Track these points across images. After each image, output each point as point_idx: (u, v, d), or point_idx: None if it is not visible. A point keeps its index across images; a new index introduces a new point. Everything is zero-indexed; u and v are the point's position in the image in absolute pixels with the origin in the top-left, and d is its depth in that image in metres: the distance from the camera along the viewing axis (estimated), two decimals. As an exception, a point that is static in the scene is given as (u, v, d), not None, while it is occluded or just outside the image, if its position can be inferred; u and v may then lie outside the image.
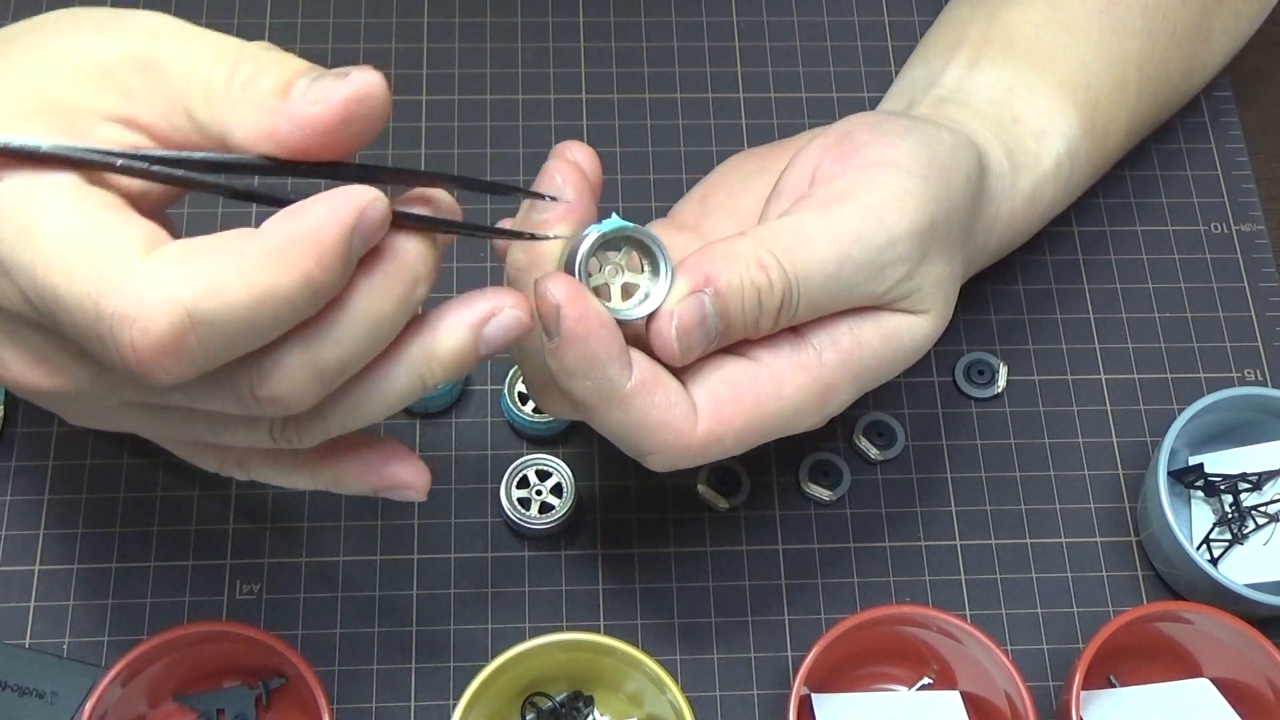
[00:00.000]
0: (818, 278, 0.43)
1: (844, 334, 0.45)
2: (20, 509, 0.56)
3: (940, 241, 0.46)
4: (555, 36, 0.68)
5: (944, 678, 0.54)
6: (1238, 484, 0.56)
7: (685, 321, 0.42)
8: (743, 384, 0.44)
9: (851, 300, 0.45)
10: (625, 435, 0.43)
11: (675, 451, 0.43)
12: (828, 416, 0.46)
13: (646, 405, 0.42)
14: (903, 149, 0.46)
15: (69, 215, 0.35)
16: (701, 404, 0.43)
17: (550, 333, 0.41)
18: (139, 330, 0.34)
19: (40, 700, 0.52)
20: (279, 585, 0.55)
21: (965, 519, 0.58)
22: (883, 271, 0.44)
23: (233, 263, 0.35)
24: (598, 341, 0.41)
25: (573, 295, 0.41)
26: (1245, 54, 0.69)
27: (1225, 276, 0.64)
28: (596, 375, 0.41)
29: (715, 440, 0.43)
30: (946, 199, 0.46)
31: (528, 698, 0.53)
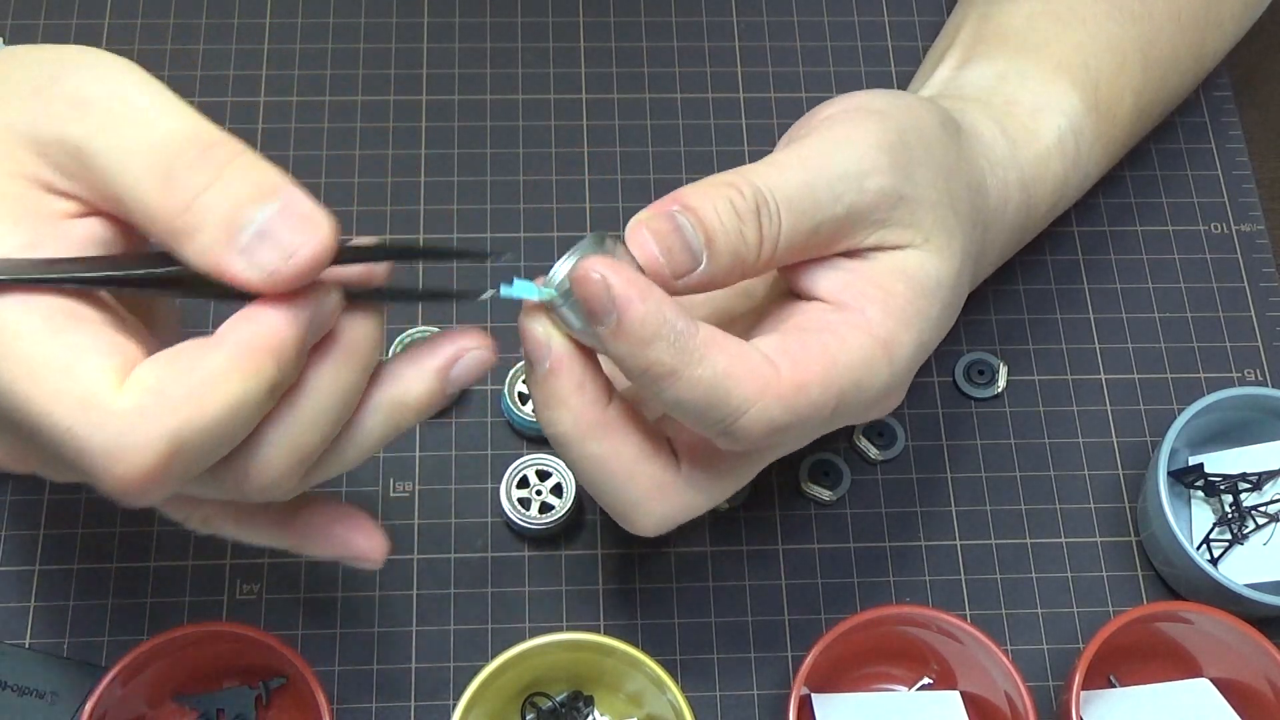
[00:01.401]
0: (792, 184, 0.42)
1: (872, 289, 0.43)
2: (20, 509, 0.56)
3: (918, 164, 0.45)
4: (555, 36, 0.68)
5: (944, 678, 0.54)
6: (1238, 484, 0.56)
7: (657, 225, 0.41)
8: (808, 339, 0.42)
9: (839, 214, 0.43)
10: (713, 396, 0.40)
11: (768, 402, 0.40)
12: (899, 380, 0.44)
13: (725, 355, 0.40)
14: (862, 95, 0.46)
15: (40, 343, 0.35)
16: (774, 354, 0.41)
17: (606, 315, 0.39)
18: (124, 467, 0.34)
19: (40, 700, 0.52)
20: (279, 585, 0.55)
21: (965, 519, 0.58)
22: (860, 182, 0.43)
23: (203, 382, 0.35)
24: (654, 297, 0.39)
25: (611, 264, 0.39)
26: (1245, 54, 0.69)
27: (1225, 276, 0.64)
28: (668, 330, 0.39)
29: (801, 388, 0.41)
30: (913, 125, 0.46)
31: (528, 698, 0.53)
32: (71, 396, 0.35)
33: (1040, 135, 0.53)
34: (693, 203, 0.41)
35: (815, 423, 0.42)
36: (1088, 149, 0.55)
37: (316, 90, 0.65)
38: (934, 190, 0.45)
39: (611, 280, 0.39)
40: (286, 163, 0.63)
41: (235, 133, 0.65)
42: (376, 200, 0.63)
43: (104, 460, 0.35)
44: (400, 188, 0.63)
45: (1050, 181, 0.54)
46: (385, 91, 0.66)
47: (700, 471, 0.44)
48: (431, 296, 0.43)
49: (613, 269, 0.39)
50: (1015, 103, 0.54)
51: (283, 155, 0.63)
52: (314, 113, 0.65)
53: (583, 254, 0.40)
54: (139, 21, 0.66)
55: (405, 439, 0.58)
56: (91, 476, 0.35)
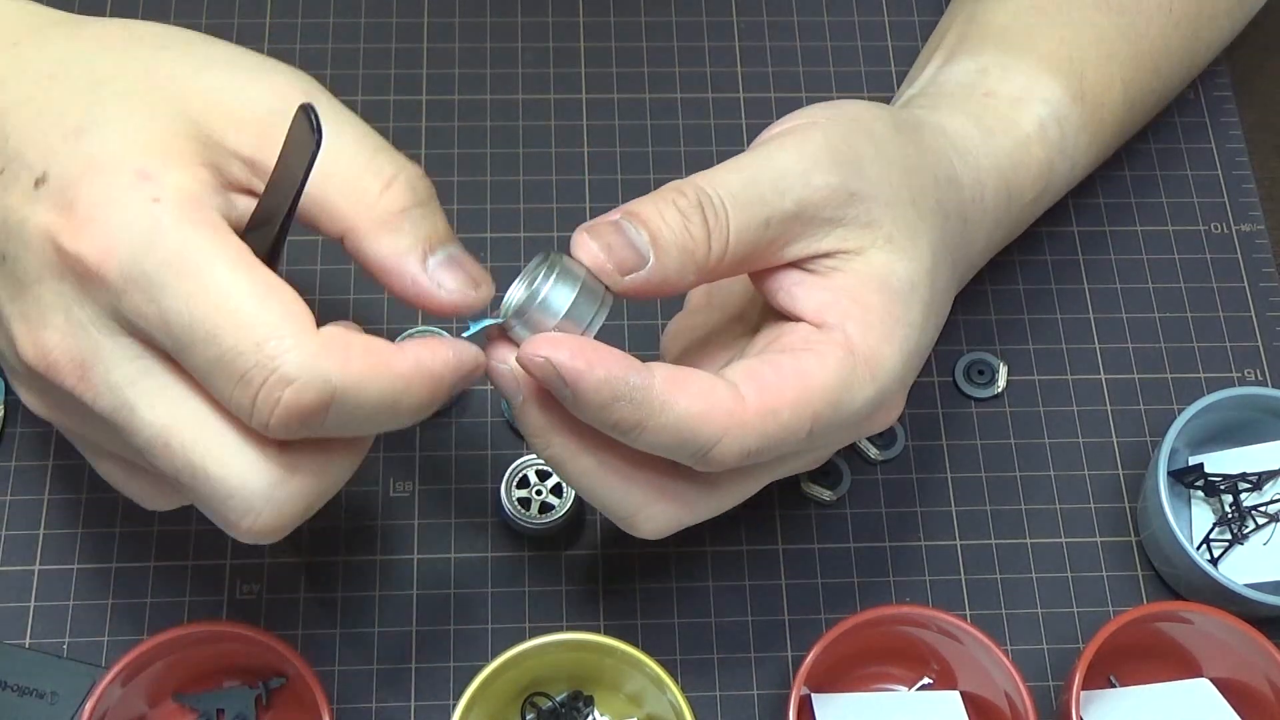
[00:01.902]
0: (735, 182, 0.43)
1: (848, 304, 0.44)
2: (20, 509, 0.56)
3: (868, 163, 0.45)
4: (555, 36, 0.68)
5: (944, 678, 0.54)
6: (1238, 484, 0.56)
7: (599, 229, 0.42)
8: (782, 362, 0.43)
9: (788, 209, 0.43)
10: (682, 438, 0.41)
11: (736, 434, 0.41)
12: (889, 392, 0.44)
13: (686, 397, 0.41)
14: (807, 110, 0.47)
15: (255, 271, 0.38)
16: (741, 382, 0.42)
17: (560, 391, 0.41)
18: (293, 390, 0.37)
19: (40, 700, 0.52)
20: (279, 585, 0.55)
21: (965, 519, 0.58)
22: (806, 178, 0.43)
23: (378, 368, 0.38)
24: (602, 362, 0.40)
25: (549, 342, 0.41)
26: (1245, 54, 0.69)
27: (1225, 276, 0.64)
28: (623, 389, 0.40)
29: (770, 414, 0.42)
30: (860, 128, 0.46)
31: (528, 698, 0.53)
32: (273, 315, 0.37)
33: (1019, 123, 0.53)
34: (634, 208, 0.43)
35: (792, 444, 0.43)
36: (1074, 136, 0.55)
37: (316, 90, 0.65)
38: (889, 188, 0.45)
39: (555, 359, 0.40)
40: (286, 163, 0.63)
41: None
42: (376, 200, 0.63)
43: (275, 378, 0.37)
44: (400, 188, 0.63)
45: (1034, 168, 0.54)
46: (385, 91, 0.66)
47: (702, 477, 0.44)
48: None
49: (553, 346, 0.40)
50: (993, 94, 0.54)
51: (283, 155, 0.63)
52: (314, 113, 0.65)
53: (533, 278, 0.42)
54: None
55: (405, 439, 0.58)
56: (240, 388, 0.37)
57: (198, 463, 0.39)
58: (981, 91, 0.54)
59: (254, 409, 0.37)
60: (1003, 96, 0.54)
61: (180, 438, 0.39)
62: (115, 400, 0.39)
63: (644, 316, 0.61)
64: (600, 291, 0.42)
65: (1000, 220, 0.54)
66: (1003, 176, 0.52)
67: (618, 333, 0.61)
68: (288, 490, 0.39)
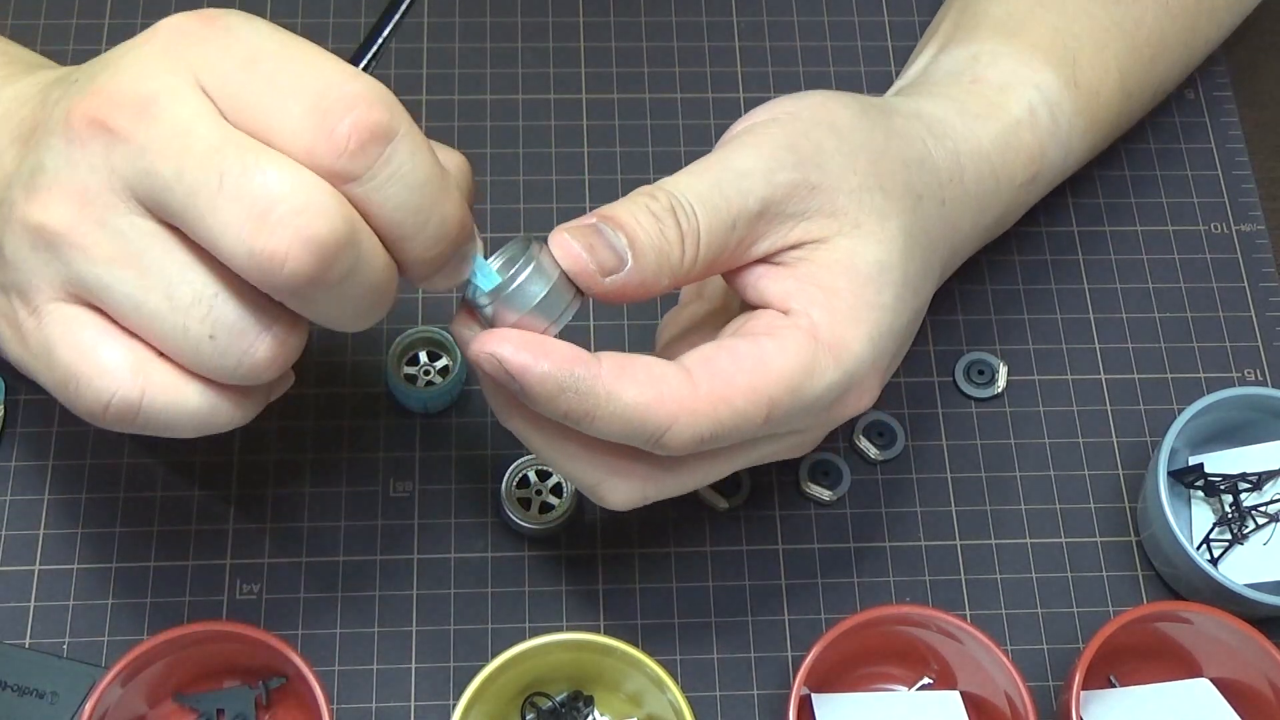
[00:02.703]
0: (701, 184, 0.44)
1: (814, 290, 0.44)
2: (20, 509, 0.56)
3: (830, 154, 0.45)
4: (555, 36, 0.68)
5: (944, 678, 0.54)
6: (1238, 484, 0.56)
7: (580, 231, 0.43)
8: (739, 347, 0.43)
9: (752, 208, 0.44)
10: (631, 426, 0.42)
11: (686, 421, 0.42)
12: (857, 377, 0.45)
13: (634, 386, 0.42)
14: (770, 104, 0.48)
15: None
16: (695, 369, 0.43)
17: (509, 385, 0.42)
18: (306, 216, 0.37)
19: (40, 700, 0.52)
20: (279, 585, 0.55)
21: (965, 519, 0.58)
22: (768, 177, 0.44)
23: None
24: (547, 355, 0.41)
25: (495, 337, 0.41)
26: (1245, 54, 0.69)
27: (1225, 276, 0.64)
28: (569, 381, 0.41)
29: (722, 401, 0.42)
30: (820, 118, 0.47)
31: (528, 698, 0.53)
32: None
33: (1007, 108, 0.54)
34: (610, 212, 0.43)
35: (750, 431, 0.43)
36: (1067, 123, 0.55)
37: (316, 90, 0.65)
38: (853, 175, 0.46)
39: (500, 354, 0.41)
40: (286, 163, 0.63)
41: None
42: (376, 200, 0.63)
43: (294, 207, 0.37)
44: (400, 188, 0.63)
45: (1023, 152, 0.54)
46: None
47: (662, 458, 0.45)
48: None
49: (498, 342, 0.41)
50: (981, 81, 0.54)
51: (283, 155, 0.63)
52: (314, 113, 0.65)
53: (509, 263, 0.43)
54: (139, 21, 0.66)
55: (405, 439, 0.58)
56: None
57: None
58: (969, 78, 0.54)
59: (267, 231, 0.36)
60: (990, 82, 0.54)
61: None
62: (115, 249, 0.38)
63: (644, 316, 0.61)
64: (571, 292, 0.43)
65: (987, 204, 0.53)
66: (986, 159, 0.52)
67: (617, 333, 0.61)
68: None
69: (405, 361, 0.59)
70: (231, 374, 0.39)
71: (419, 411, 0.59)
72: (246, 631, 0.49)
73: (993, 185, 0.53)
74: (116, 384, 0.39)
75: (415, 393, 0.58)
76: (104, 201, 0.38)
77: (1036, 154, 0.54)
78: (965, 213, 0.52)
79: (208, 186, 0.36)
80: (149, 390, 0.39)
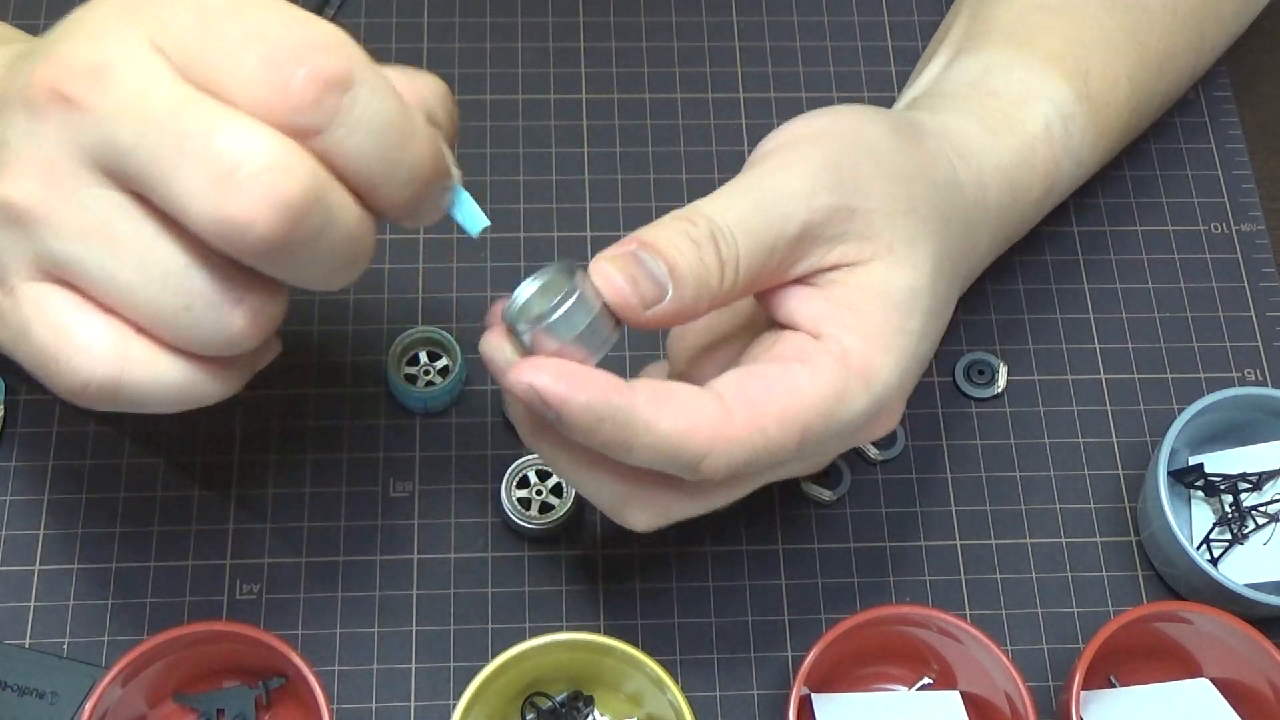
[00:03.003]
0: (742, 209, 0.43)
1: (846, 315, 0.44)
2: (20, 509, 0.56)
3: (867, 178, 0.45)
4: (555, 36, 0.68)
5: (944, 678, 0.54)
6: (1238, 484, 0.56)
7: (619, 260, 0.42)
8: (771, 375, 0.43)
9: (793, 233, 0.43)
10: (668, 455, 0.41)
11: (722, 449, 0.42)
12: (885, 403, 0.44)
13: (670, 416, 0.41)
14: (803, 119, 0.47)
15: None
16: (728, 395, 0.42)
17: (547, 416, 0.41)
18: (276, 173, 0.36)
19: (40, 700, 0.52)
20: (279, 585, 0.55)
21: (965, 519, 0.58)
22: (809, 201, 0.44)
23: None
24: (585, 387, 0.40)
25: (534, 367, 0.41)
26: (1245, 54, 0.69)
27: (1225, 276, 0.64)
28: (607, 412, 0.40)
29: (756, 430, 0.42)
30: (857, 140, 0.46)
31: (528, 698, 0.53)
32: None
33: (1025, 123, 0.53)
34: (649, 238, 0.43)
35: (782, 457, 0.43)
36: (1079, 136, 0.55)
37: (316, 90, 0.65)
38: (888, 199, 0.45)
39: (539, 385, 0.40)
40: (286, 163, 0.63)
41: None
42: (376, 200, 0.63)
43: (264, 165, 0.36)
44: (400, 188, 0.63)
45: (1039, 168, 0.54)
46: (385, 91, 0.66)
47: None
48: None
49: (536, 371, 0.41)
50: (997, 94, 0.54)
51: (283, 155, 0.63)
52: (314, 113, 0.65)
53: (547, 280, 0.42)
54: (139, 21, 0.66)
55: (405, 439, 0.58)
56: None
57: None
58: (985, 91, 0.54)
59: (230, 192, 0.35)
60: (1007, 96, 0.54)
61: None
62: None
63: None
64: (612, 323, 0.42)
65: (1004, 221, 0.54)
66: (1006, 177, 0.52)
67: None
68: None
69: (405, 361, 0.59)
70: (209, 345, 0.39)
71: (419, 411, 0.59)
72: (246, 631, 0.49)
73: (1010, 202, 0.53)
74: (95, 362, 0.38)
75: (415, 393, 0.58)
76: (69, 173, 0.37)
77: (1051, 169, 0.54)
78: (985, 232, 0.52)
79: (168, 151, 0.35)
80: (128, 367, 0.38)
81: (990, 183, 0.52)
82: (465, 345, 0.59)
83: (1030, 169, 0.54)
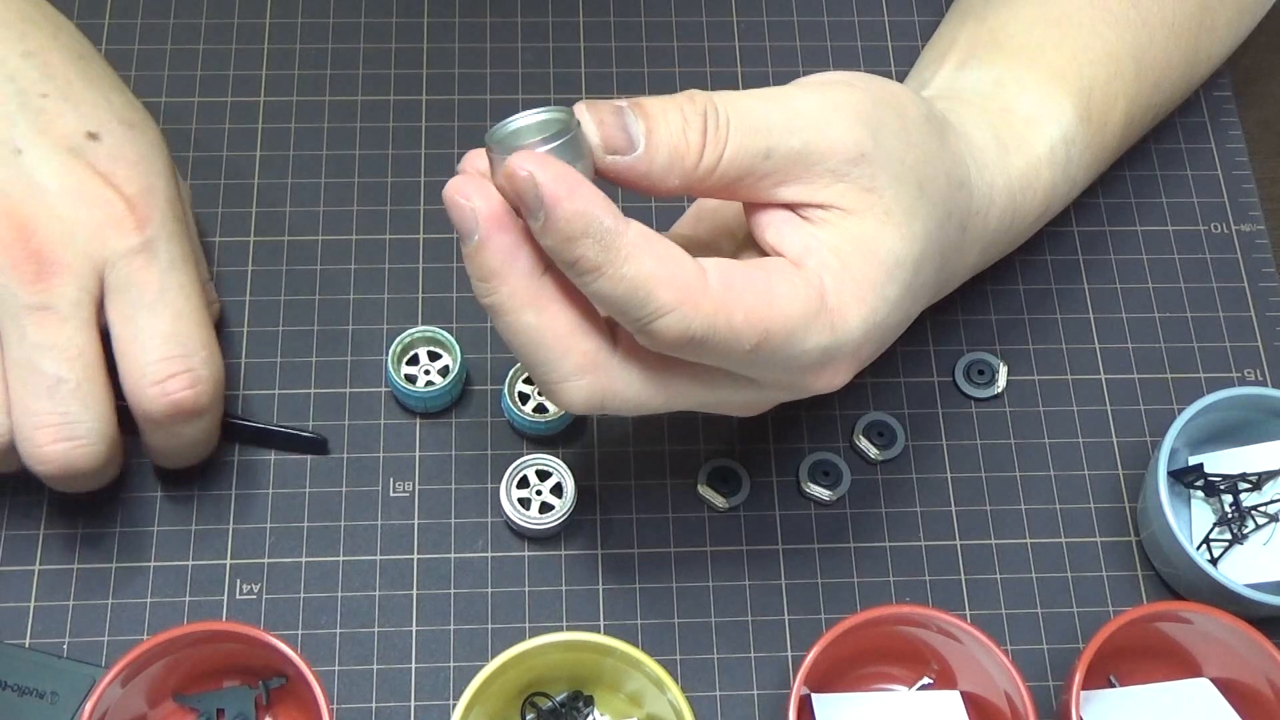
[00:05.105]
0: (748, 105, 0.44)
1: (830, 258, 0.44)
2: (20, 509, 0.56)
3: (888, 133, 0.45)
4: (555, 36, 0.68)
5: (944, 678, 0.54)
6: (1238, 484, 0.56)
7: (600, 106, 0.42)
8: (755, 275, 0.44)
9: (794, 147, 0.44)
10: (634, 295, 0.41)
11: (686, 311, 0.42)
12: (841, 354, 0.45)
13: (652, 258, 0.41)
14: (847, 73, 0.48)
15: None
16: (711, 272, 0.43)
17: (534, 211, 0.41)
18: None
19: (40, 700, 0.52)
20: (279, 585, 0.56)
21: (965, 519, 0.58)
22: (822, 129, 0.44)
23: None
24: (582, 195, 0.41)
25: (540, 160, 0.41)
26: (1245, 54, 0.69)
27: (1225, 276, 0.64)
28: (595, 227, 0.41)
29: (724, 308, 0.42)
30: (892, 102, 0.46)
31: (528, 698, 0.53)
32: None
33: (1033, 144, 0.54)
34: (641, 100, 0.43)
35: (734, 352, 0.43)
36: (1078, 158, 0.56)
37: (317, 90, 0.65)
38: (901, 164, 0.45)
39: (539, 177, 0.40)
40: (286, 163, 0.63)
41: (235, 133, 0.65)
42: (377, 200, 0.63)
43: None
44: (400, 188, 0.63)
45: (1040, 192, 0.54)
46: (385, 91, 0.66)
47: (635, 360, 0.45)
48: None
49: (541, 165, 0.41)
50: (1010, 110, 0.54)
51: (283, 155, 0.63)
52: (314, 113, 0.65)
53: (546, 117, 0.42)
54: (139, 21, 0.66)
55: (405, 439, 0.58)
56: None
57: None
58: (1000, 106, 0.54)
59: None
60: (1018, 113, 0.54)
61: None
62: None
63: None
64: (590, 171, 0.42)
65: (997, 240, 0.54)
66: (1012, 197, 0.53)
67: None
68: None
69: (405, 361, 0.59)
70: None
71: (419, 411, 0.59)
72: (246, 631, 0.49)
73: (1009, 225, 0.54)
74: None
75: (415, 393, 0.58)
76: None
77: (1049, 192, 0.55)
78: (977, 246, 0.52)
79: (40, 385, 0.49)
80: None
81: (997, 200, 0.52)
82: (465, 345, 0.59)
83: (1032, 193, 0.54)
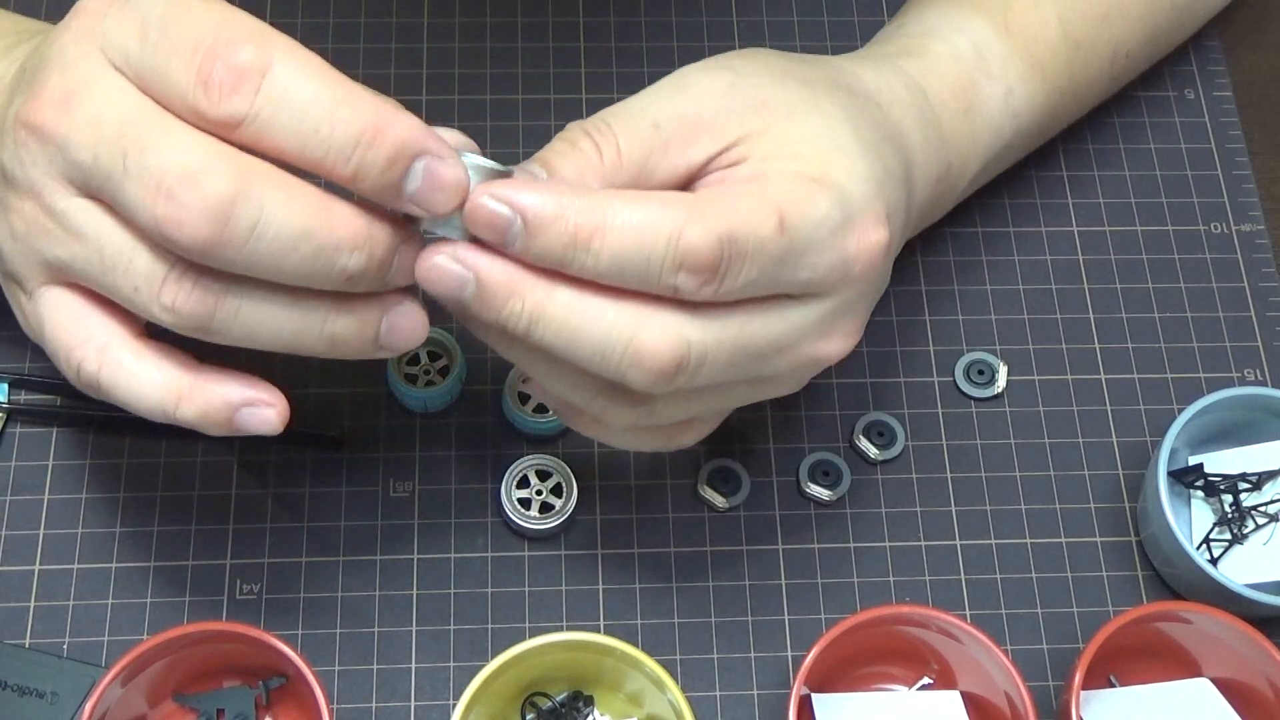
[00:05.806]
0: (614, 106, 0.46)
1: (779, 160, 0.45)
2: (20, 509, 0.56)
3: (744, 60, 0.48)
4: (555, 36, 0.68)
5: (944, 678, 0.54)
6: (1238, 484, 0.56)
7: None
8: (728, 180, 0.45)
9: (673, 109, 0.45)
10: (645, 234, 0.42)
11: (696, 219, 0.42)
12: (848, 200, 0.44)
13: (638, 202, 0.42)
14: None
15: None
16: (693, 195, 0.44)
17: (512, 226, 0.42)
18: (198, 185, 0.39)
19: (40, 700, 0.52)
20: (279, 585, 0.55)
21: (965, 519, 0.58)
22: (689, 84, 0.46)
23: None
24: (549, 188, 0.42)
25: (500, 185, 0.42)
26: (1246, 54, 0.69)
27: (1225, 276, 0.64)
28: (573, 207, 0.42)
29: (729, 206, 0.42)
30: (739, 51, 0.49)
31: (528, 698, 0.53)
32: None
33: (928, 48, 0.55)
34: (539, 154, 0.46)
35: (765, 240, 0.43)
36: (1000, 62, 0.56)
37: (316, 90, 0.65)
38: (771, 73, 0.48)
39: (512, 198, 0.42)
40: (286, 163, 0.63)
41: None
42: (376, 200, 0.63)
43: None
44: (400, 188, 0.63)
45: (948, 77, 0.55)
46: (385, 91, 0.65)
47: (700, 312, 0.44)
48: None
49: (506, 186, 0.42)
50: (902, 32, 0.57)
51: (283, 155, 0.63)
52: (314, 113, 0.65)
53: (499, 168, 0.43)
54: (139, 21, 0.66)
55: (405, 439, 0.58)
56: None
57: None
58: (891, 34, 0.57)
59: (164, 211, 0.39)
60: (911, 32, 0.56)
61: None
62: None
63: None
64: None
65: (927, 119, 0.53)
66: (909, 79, 0.53)
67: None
68: None
69: (405, 361, 0.59)
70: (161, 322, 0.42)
71: (419, 411, 0.59)
72: (246, 631, 0.49)
73: (924, 101, 0.53)
74: (81, 356, 0.44)
75: (415, 393, 0.58)
76: (50, 190, 0.42)
77: (967, 82, 0.55)
78: (906, 117, 0.52)
79: (116, 168, 0.40)
80: (105, 366, 0.44)
81: (893, 82, 0.52)
82: (465, 345, 0.59)
83: (938, 79, 0.54)
